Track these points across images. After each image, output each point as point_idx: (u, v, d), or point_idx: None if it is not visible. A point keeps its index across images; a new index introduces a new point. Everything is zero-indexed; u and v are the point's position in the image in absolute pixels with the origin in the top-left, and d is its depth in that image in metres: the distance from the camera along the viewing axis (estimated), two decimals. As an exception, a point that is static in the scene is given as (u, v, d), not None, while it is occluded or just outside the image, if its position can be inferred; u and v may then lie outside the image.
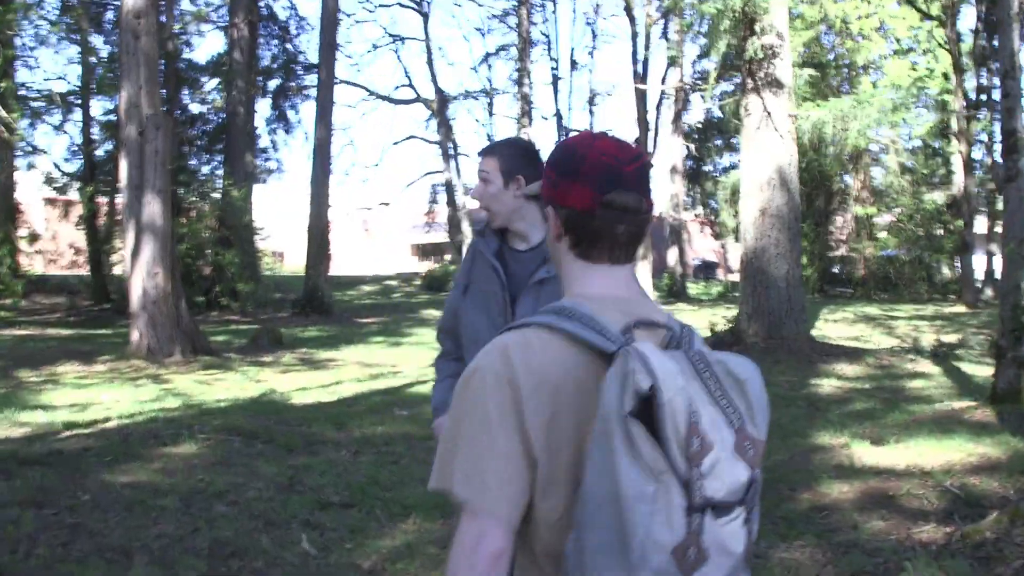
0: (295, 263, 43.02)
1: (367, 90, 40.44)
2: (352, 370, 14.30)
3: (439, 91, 38.69)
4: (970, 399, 10.53)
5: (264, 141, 34.99)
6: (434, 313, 24.99)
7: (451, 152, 38.87)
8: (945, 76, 32.31)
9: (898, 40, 34.55)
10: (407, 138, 46.90)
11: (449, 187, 39.34)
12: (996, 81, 36.51)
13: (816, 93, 28.01)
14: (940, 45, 32.55)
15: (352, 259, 56.03)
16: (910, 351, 16.47)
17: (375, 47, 45.25)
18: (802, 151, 20.93)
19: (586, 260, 1.85)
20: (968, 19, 34.81)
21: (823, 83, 31.61)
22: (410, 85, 41.39)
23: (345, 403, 11.00)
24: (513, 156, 3.33)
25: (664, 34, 36.38)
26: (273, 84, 34.21)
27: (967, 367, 14.25)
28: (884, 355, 15.85)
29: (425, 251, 59.86)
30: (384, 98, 40.92)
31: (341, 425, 9.48)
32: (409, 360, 15.49)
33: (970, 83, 33.16)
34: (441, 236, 46.30)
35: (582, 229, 1.82)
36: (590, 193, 1.79)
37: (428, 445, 8.54)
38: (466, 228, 37.33)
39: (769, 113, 16.41)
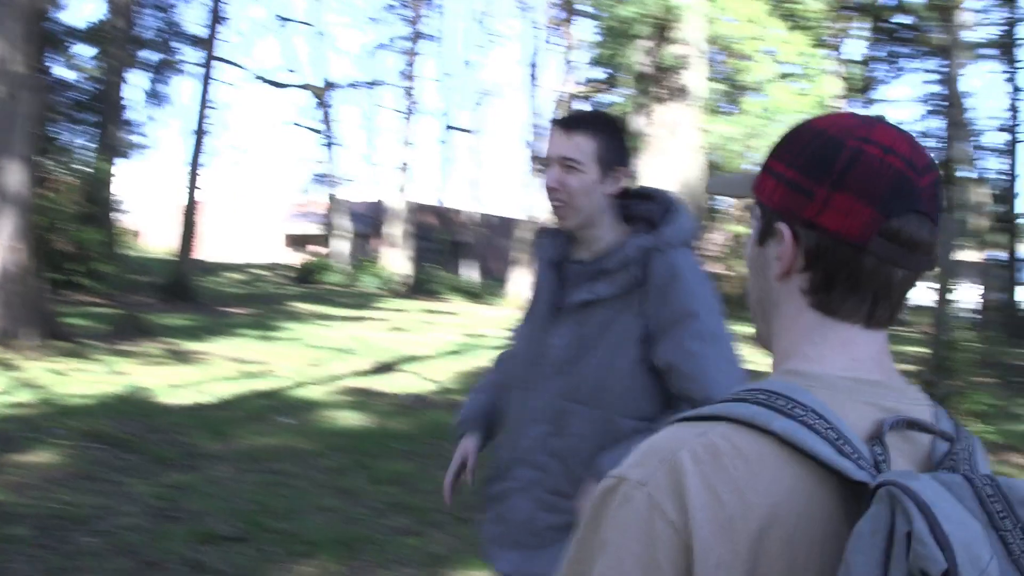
0: (155, 244, 41.32)
1: (250, 71, 39.01)
2: (223, 366, 13.17)
3: (324, 78, 37.56)
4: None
5: (136, 115, 33.30)
6: (306, 307, 23.96)
7: (332, 141, 37.70)
8: (824, 103, 32.75)
9: (784, 63, 34.90)
10: (287, 123, 45.63)
11: (328, 176, 38.14)
12: (875, 111, 37.28)
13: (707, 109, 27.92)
14: (824, 72, 32.97)
15: (220, 245, 54.25)
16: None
17: (260, 27, 43.50)
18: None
19: (828, 315, 1.16)
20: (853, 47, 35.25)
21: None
22: (294, 70, 40.04)
23: (221, 407, 9.95)
24: (615, 140, 2.57)
25: (560, 38, 35.96)
26: (151, 56, 32.52)
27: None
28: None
29: (298, 241, 58.23)
30: (267, 81, 39.51)
31: (220, 434, 8.48)
32: (283, 358, 14.44)
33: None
34: (316, 227, 45.00)
35: (839, 268, 1.13)
36: (868, 213, 1.10)
37: (321, 464, 7.67)
38: (343, 220, 36.26)
39: (678, 124, 16.04)
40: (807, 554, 0.99)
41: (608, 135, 2.55)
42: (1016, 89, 34.58)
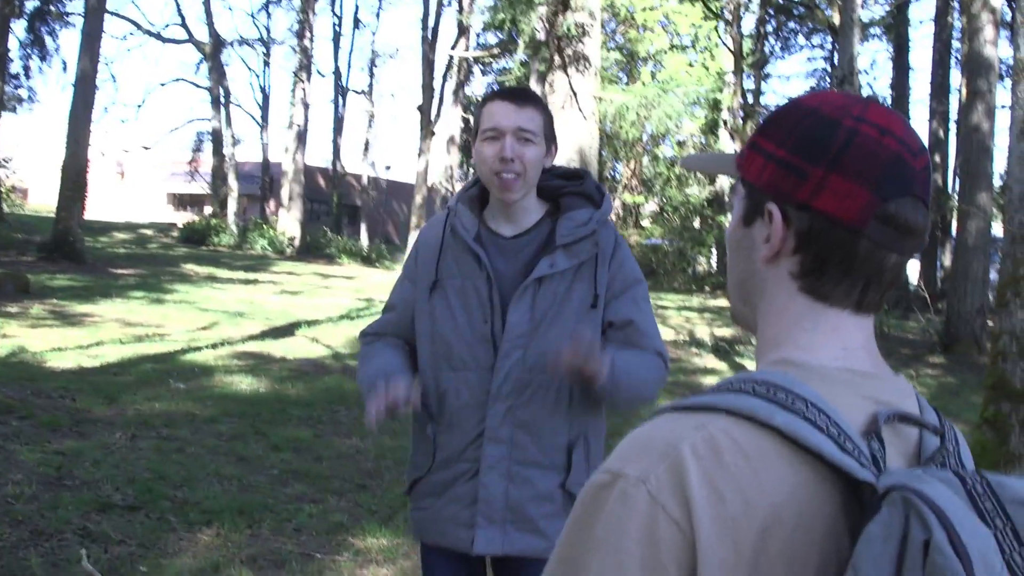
0: (39, 202, 39.97)
1: (136, 24, 37.79)
2: (112, 329, 12.83)
3: (213, 34, 36.55)
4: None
5: (19, 67, 32.04)
6: (196, 269, 23.47)
7: (222, 100, 36.80)
8: (720, 75, 33.20)
9: (678, 34, 35.28)
10: (174, 80, 44.45)
11: (216, 136, 37.25)
12: (765, 86, 37.93)
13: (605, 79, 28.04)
14: (717, 45, 33.40)
15: (104, 204, 52.73)
16: (693, 344, 16.48)
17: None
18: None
19: (819, 300, 1.11)
20: (749, 22, 35.77)
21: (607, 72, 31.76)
22: (183, 24, 38.87)
23: (112, 370, 9.71)
24: (551, 117, 2.66)
25: (457, 0, 35.70)
26: (31, 5, 31.32)
27: (749, 364, 14.29)
28: (670, 347, 15.77)
29: (183, 201, 56.93)
30: (154, 35, 38.37)
31: (111, 399, 8.27)
32: (174, 321, 14.13)
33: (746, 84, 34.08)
34: (202, 187, 44.01)
35: (833, 251, 1.08)
36: (864, 195, 1.05)
37: (215, 429, 7.55)
38: (232, 181, 35.54)
39: (575, 92, 16.05)
40: (806, 554, 0.95)
41: (547, 112, 2.63)
42: (903, 68, 35.39)
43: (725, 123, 32.91)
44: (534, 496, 2.53)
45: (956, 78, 31.14)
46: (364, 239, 39.80)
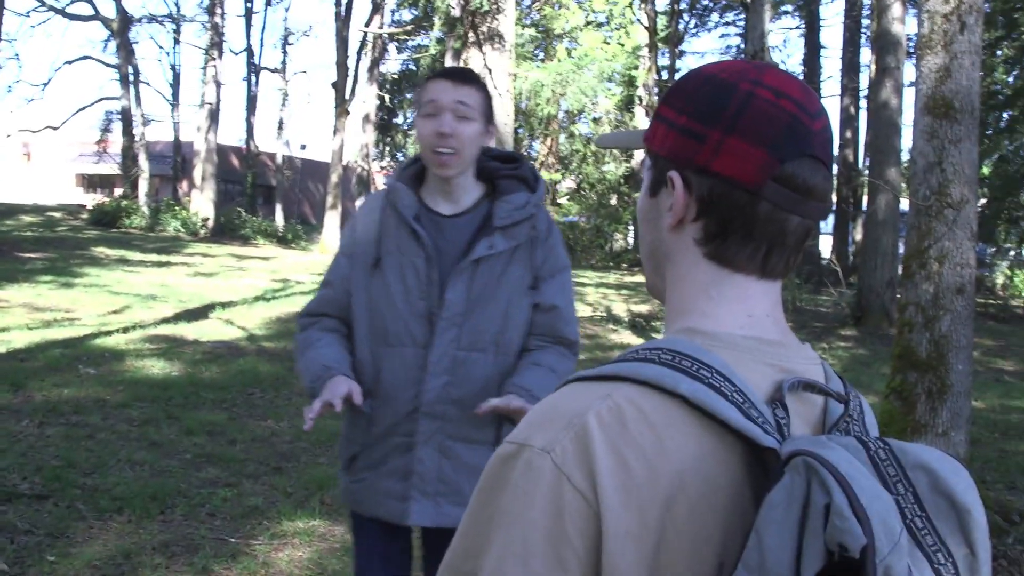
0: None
1: (40, 0, 36.76)
2: (19, 314, 12.51)
3: (121, 10, 35.69)
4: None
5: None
6: (106, 251, 22.96)
7: (131, 78, 35.99)
8: (635, 52, 33.40)
9: (593, 11, 35.39)
10: (81, 58, 43.36)
11: (126, 115, 36.43)
12: (681, 63, 38.26)
13: (520, 56, 28.03)
14: (632, 22, 33.60)
15: (10, 186, 51.46)
16: (610, 320, 16.59)
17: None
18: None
19: (724, 266, 1.11)
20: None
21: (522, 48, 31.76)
22: (89, 1, 37.80)
23: (19, 356, 9.46)
24: (489, 97, 2.69)
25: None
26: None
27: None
28: (587, 324, 15.87)
29: (92, 183, 55.71)
30: (59, 12, 37.31)
31: (18, 386, 8.07)
32: (85, 305, 13.84)
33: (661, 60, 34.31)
34: (112, 168, 43.07)
35: (734, 214, 1.08)
36: (761, 156, 1.05)
37: (127, 414, 7.41)
38: (143, 161, 34.85)
39: (490, 69, 16.00)
40: (711, 522, 0.95)
41: (487, 92, 2.67)
42: (814, 45, 35.91)
43: (640, 100, 33.11)
44: (466, 470, 2.61)
45: (866, 55, 31.72)
46: (279, 219, 39.36)
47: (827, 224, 34.40)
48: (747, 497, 0.95)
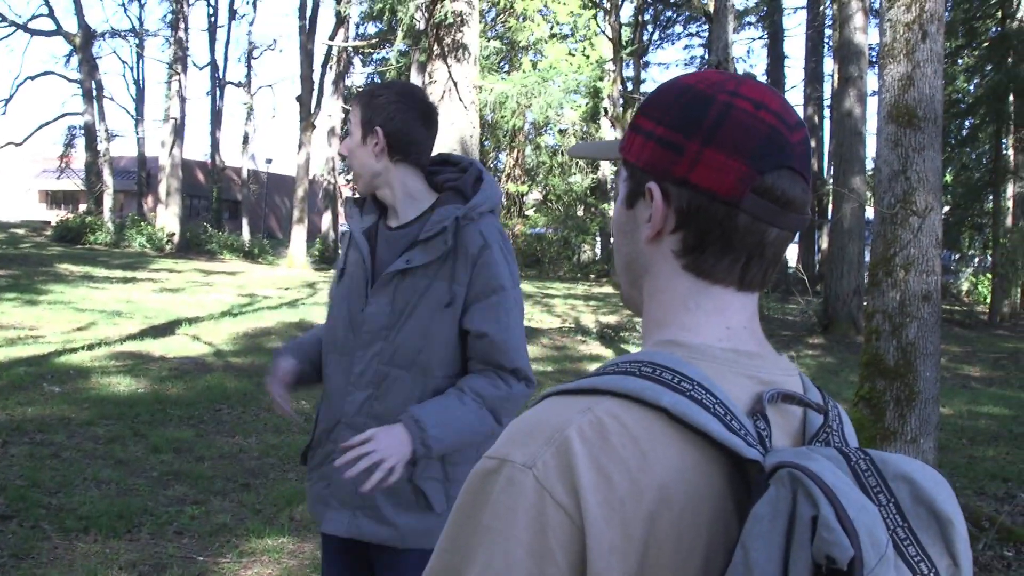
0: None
1: (0, 16, 36.44)
2: (-18, 333, 12.39)
3: (83, 25, 35.44)
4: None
5: None
6: (71, 268, 22.72)
7: (94, 93, 35.72)
8: (599, 63, 33.52)
9: (558, 23, 35.49)
10: (43, 74, 42.97)
11: (89, 130, 36.12)
12: (645, 74, 38.47)
13: (486, 68, 28.07)
14: (596, 34, 33.72)
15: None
16: (578, 332, 16.61)
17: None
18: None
19: (702, 278, 1.10)
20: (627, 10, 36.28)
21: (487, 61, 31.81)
22: (50, 15, 37.56)
23: (-19, 375, 9.34)
24: (380, 104, 2.62)
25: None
26: None
27: (635, 350, 14.41)
28: (556, 335, 15.88)
29: (56, 199, 55.24)
30: (20, 27, 37.00)
31: (-20, 405, 7.96)
32: (50, 322, 13.70)
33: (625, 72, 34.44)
34: (75, 183, 42.70)
35: (712, 227, 1.07)
36: (740, 168, 1.05)
37: (92, 432, 7.33)
38: (107, 177, 34.56)
39: (455, 82, 16.00)
40: (695, 535, 0.94)
41: (375, 102, 2.62)
42: (777, 55, 36.16)
43: (606, 111, 33.26)
44: (382, 488, 2.47)
45: (829, 65, 31.98)
46: (246, 234, 39.16)
47: (793, 233, 34.52)
48: (731, 510, 0.94)
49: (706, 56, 40.95)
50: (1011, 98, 21.19)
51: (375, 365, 2.59)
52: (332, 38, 32.81)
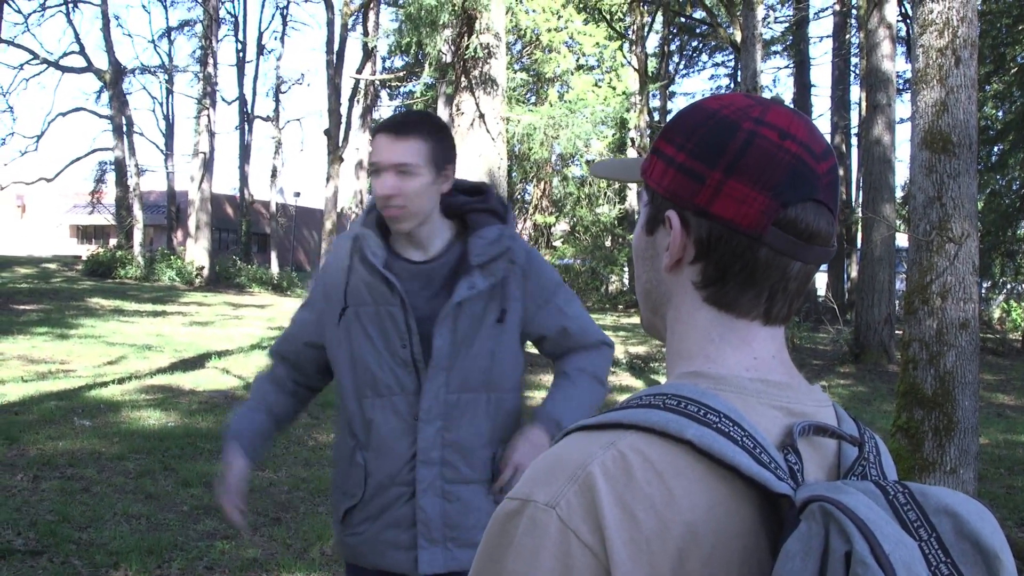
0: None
1: (32, 53, 36.98)
2: (14, 367, 12.43)
3: (114, 62, 35.85)
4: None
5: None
6: (102, 302, 22.87)
7: (124, 128, 36.08)
8: (626, 95, 33.58)
9: (584, 55, 35.61)
10: (74, 110, 43.54)
11: (120, 166, 36.46)
12: (671, 104, 38.53)
13: (513, 100, 28.17)
14: (622, 65, 33.81)
15: (4, 238, 51.48)
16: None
17: (44, 7, 41.26)
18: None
19: (725, 311, 1.07)
20: (653, 41, 36.42)
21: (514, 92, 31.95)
22: (81, 53, 37.99)
23: (13, 409, 9.36)
24: (443, 140, 2.58)
25: (363, 24, 35.53)
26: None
27: (664, 381, 14.33)
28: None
29: (87, 234, 55.80)
30: (51, 64, 37.48)
31: (12, 440, 7.97)
32: (81, 356, 13.77)
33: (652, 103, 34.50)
34: (106, 218, 43.10)
35: (733, 260, 1.04)
36: (763, 200, 1.01)
37: (123, 466, 7.31)
38: (137, 211, 34.84)
39: (482, 114, 16.07)
40: (726, 573, 0.91)
41: (439, 136, 2.56)
42: (804, 84, 36.13)
43: (633, 142, 33.30)
44: (468, 512, 2.59)
45: (855, 93, 31.92)
46: (275, 267, 39.41)
47: (822, 262, 34.36)
48: (762, 547, 0.91)
49: (731, 85, 41.06)
50: (1041, 124, 21.05)
51: (443, 395, 2.58)
52: (359, 72, 33.02)
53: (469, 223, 2.66)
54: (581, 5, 31.76)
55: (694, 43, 40.39)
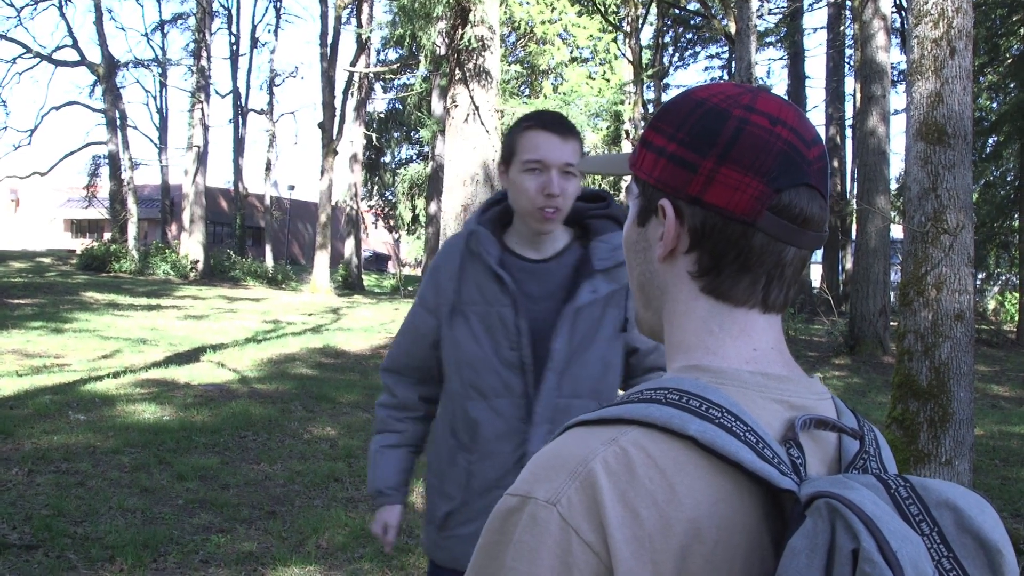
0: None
1: (25, 47, 36.86)
2: (9, 361, 12.40)
3: (107, 55, 35.75)
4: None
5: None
6: (96, 296, 22.84)
7: (118, 122, 35.98)
8: (620, 86, 33.58)
9: (578, 47, 35.61)
10: (67, 104, 43.41)
11: (114, 159, 36.36)
12: (666, 96, 38.48)
13: (507, 92, 28.17)
14: (616, 57, 33.78)
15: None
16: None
17: (36, 0, 41.10)
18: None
19: (722, 300, 1.06)
20: (647, 33, 36.38)
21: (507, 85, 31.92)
22: (74, 46, 37.86)
23: (7, 404, 9.34)
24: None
25: (357, 16, 35.44)
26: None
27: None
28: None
29: (81, 228, 55.68)
30: (44, 58, 37.39)
31: (7, 433, 7.96)
32: (76, 350, 13.74)
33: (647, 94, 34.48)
34: (100, 212, 42.99)
35: (728, 247, 1.03)
36: (756, 186, 1.01)
37: (118, 460, 7.30)
38: (132, 205, 34.77)
39: (477, 107, 16.02)
40: (729, 571, 0.90)
41: (582, 142, 2.57)
42: (798, 75, 36.11)
43: (627, 134, 33.24)
44: None
45: (850, 84, 31.93)
46: (269, 260, 39.35)
47: (817, 253, 34.41)
48: (766, 543, 0.90)
49: (725, 77, 41.02)
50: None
51: (554, 399, 2.53)
52: (353, 64, 32.97)
53: (591, 229, 2.62)
54: (575, -3, 31.72)
55: (688, 35, 40.34)
